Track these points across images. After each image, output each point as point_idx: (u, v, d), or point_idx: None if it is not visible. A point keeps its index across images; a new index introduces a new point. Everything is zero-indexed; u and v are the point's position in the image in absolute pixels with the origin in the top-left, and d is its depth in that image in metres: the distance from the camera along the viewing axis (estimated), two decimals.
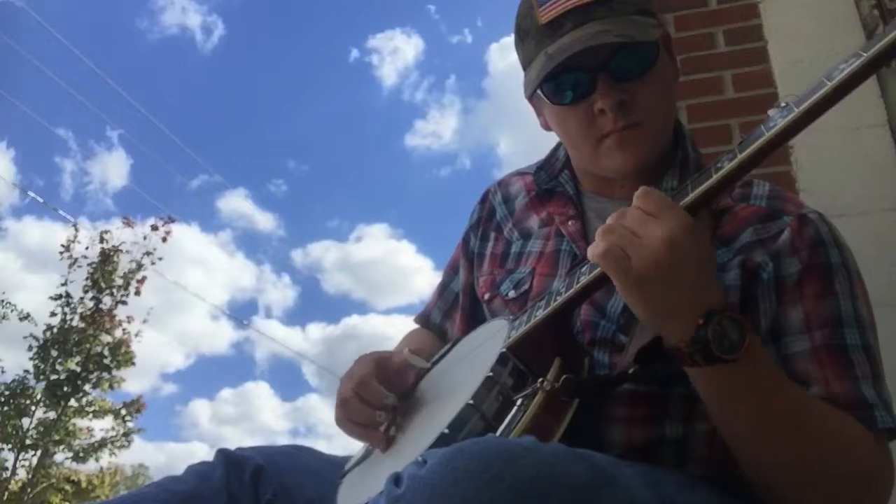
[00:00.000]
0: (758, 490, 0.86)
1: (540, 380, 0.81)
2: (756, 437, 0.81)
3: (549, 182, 1.15)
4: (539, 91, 1.03)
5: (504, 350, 0.87)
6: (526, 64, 1.04)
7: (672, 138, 1.07)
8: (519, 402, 0.81)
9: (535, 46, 1.00)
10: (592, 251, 0.76)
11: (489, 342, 0.97)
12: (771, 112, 0.75)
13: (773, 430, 0.80)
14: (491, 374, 0.83)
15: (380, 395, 0.95)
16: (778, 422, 0.79)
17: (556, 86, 1.00)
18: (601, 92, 0.96)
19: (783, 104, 0.74)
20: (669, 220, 0.73)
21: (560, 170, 1.15)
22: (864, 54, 0.68)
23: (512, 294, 1.08)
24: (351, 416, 0.97)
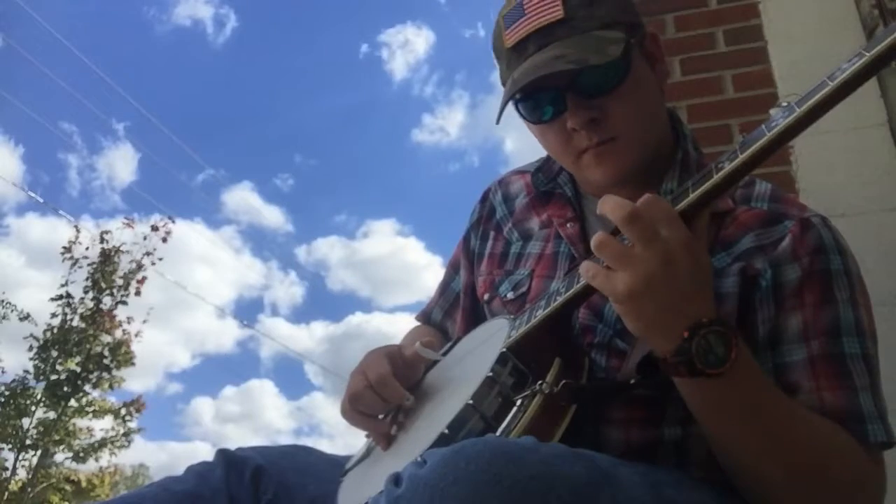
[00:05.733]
0: (747, 498, 0.86)
1: (539, 382, 0.80)
2: (741, 448, 0.81)
3: (547, 184, 1.15)
4: (516, 111, 1.04)
5: (504, 350, 0.87)
6: (503, 84, 1.04)
7: (671, 138, 1.06)
8: (518, 402, 0.80)
9: (506, 69, 1.02)
10: (584, 266, 0.78)
11: (489, 341, 0.97)
12: (772, 112, 0.74)
13: (759, 443, 0.80)
14: (491, 373, 0.83)
15: (400, 395, 0.95)
16: (764, 435, 0.79)
17: (532, 105, 1.01)
18: (571, 111, 0.96)
19: (784, 104, 0.73)
20: (668, 237, 0.73)
21: (558, 171, 1.14)
22: (867, 54, 0.67)
23: (510, 295, 1.08)
24: (361, 409, 0.98)
